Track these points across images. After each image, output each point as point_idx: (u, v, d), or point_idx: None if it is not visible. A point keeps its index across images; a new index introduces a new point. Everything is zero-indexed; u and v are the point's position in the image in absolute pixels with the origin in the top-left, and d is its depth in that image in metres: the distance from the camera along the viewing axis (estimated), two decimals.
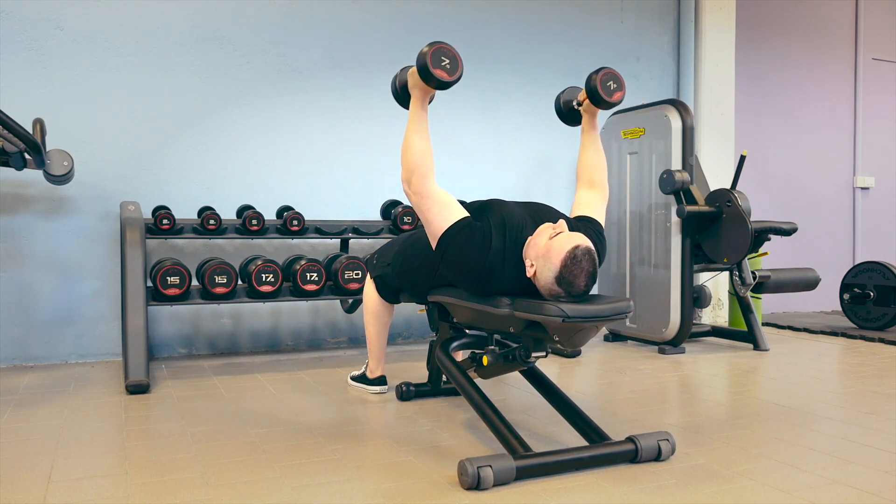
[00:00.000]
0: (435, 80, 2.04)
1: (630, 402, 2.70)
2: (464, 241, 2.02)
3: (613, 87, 2.25)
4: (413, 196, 2.09)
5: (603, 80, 2.25)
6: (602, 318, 1.89)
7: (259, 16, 3.81)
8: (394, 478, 1.85)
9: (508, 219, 2.07)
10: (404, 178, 2.10)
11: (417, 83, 2.10)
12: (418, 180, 2.06)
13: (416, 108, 2.13)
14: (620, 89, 2.26)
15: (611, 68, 2.27)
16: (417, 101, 2.13)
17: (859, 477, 1.87)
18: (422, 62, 2.03)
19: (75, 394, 2.80)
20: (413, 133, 2.10)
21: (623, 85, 2.28)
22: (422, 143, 2.09)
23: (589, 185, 2.37)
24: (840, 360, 3.63)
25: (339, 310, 3.99)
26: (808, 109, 5.62)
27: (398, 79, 2.24)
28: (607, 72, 2.25)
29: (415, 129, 2.11)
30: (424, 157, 2.08)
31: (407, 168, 2.08)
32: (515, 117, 4.46)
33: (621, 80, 2.28)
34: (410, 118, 2.13)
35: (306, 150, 3.94)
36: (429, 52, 2.02)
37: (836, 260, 5.67)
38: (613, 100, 2.26)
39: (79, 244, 3.49)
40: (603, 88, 2.24)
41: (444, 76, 2.04)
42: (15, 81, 3.36)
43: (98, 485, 1.80)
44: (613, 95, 2.26)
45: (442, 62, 2.05)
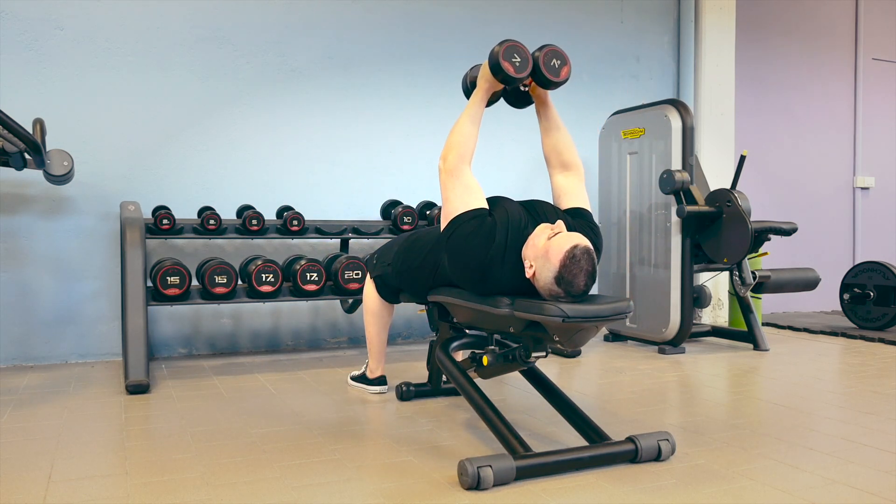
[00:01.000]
0: (502, 73, 2.09)
1: (630, 402, 2.70)
2: (470, 231, 2.02)
3: (558, 64, 2.15)
4: (444, 173, 2.11)
5: (546, 60, 2.14)
6: (602, 318, 1.89)
7: (259, 16, 3.81)
8: (394, 478, 1.85)
9: (512, 217, 2.07)
10: (442, 154, 2.13)
11: (485, 74, 2.16)
12: (455, 158, 2.10)
13: (477, 97, 2.18)
14: (566, 63, 2.17)
15: (554, 45, 2.17)
16: (480, 92, 2.18)
17: (859, 477, 1.87)
18: (494, 53, 2.08)
19: (75, 394, 2.80)
20: (466, 117, 2.16)
21: (567, 59, 2.17)
22: (471, 127, 2.15)
23: (563, 168, 2.32)
24: (840, 360, 3.63)
25: (339, 310, 3.99)
26: (808, 109, 5.62)
27: (468, 75, 2.33)
28: (549, 49, 2.15)
29: (469, 114, 2.17)
30: (469, 140, 2.13)
31: (449, 144, 2.13)
32: (515, 117, 4.44)
33: (564, 54, 2.18)
34: (469, 105, 2.19)
35: (306, 150, 3.94)
36: (503, 46, 2.08)
37: (836, 260, 5.67)
38: (561, 78, 2.16)
39: (79, 244, 3.50)
40: (548, 68, 2.15)
41: (510, 70, 2.08)
42: (15, 81, 3.36)
43: (98, 485, 1.80)
44: (560, 74, 2.16)
45: (513, 58, 2.10)
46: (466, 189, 2.08)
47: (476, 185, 2.10)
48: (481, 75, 2.18)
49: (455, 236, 2.04)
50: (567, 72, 2.18)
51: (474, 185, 2.10)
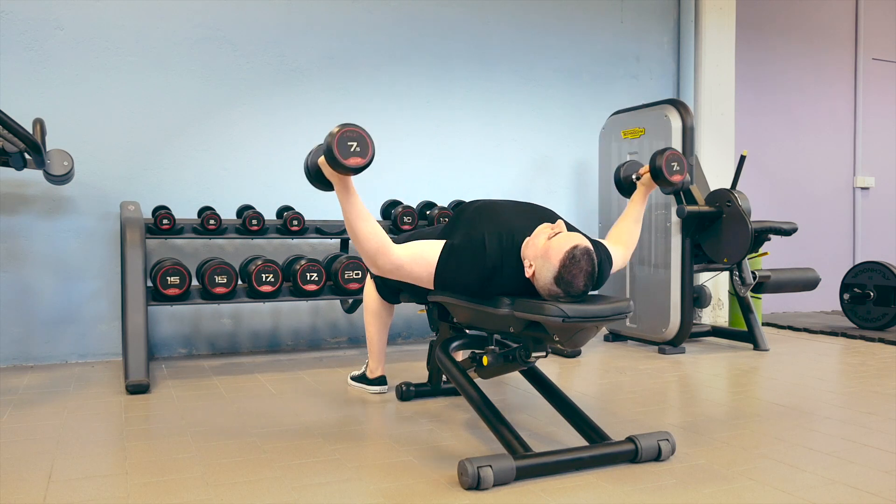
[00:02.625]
0: (350, 170, 1.88)
1: (630, 402, 2.70)
2: (456, 265, 2.03)
3: (676, 168, 2.37)
4: (387, 273, 2.06)
5: (668, 161, 2.36)
6: (602, 318, 1.89)
7: (259, 16, 3.81)
8: (394, 478, 1.85)
9: (502, 220, 2.08)
10: (369, 264, 2.03)
11: (333, 174, 1.94)
12: (384, 259, 2.01)
13: (344, 195, 1.95)
14: (682, 173, 2.37)
15: (677, 151, 2.39)
16: (343, 189, 1.95)
17: (859, 477, 1.87)
18: (330, 156, 1.86)
19: (75, 394, 2.80)
20: (356, 220, 1.96)
21: (685, 169, 2.39)
22: (368, 225, 1.97)
23: (615, 241, 2.41)
24: (840, 360, 3.63)
25: (339, 310, 3.99)
26: (808, 109, 5.62)
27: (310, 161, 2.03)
28: (672, 153, 2.37)
29: (356, 216, 1.96)
30: (377, 237, 1.98)
31: (368, 255, 2.00)
32: (515, 117, 4.46)
33: (685, 163, 2.39)
34: (345, 207, 1.97)
35: (306, 150, 3.93)
36: (333, 142, 1.85)
37: (836, 260, 5.67)
38: (673, 180, 2.37)
39: (79, 244, 3.49)
40: (667, 168, 2.36)
41: (358, 162, 1.88)
42: (15, 81, 3.36)
43: (98, 485, 1.80)
44: (674, 176, 2.37)
45: (351, 148, 1.88)
46: (416, 257, 2.06)
47: (416, 246, 2.08)
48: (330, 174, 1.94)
49: (447, 279, 2.05)
50: (679, 181, 2.39)
51: (414, 249, 2.07)
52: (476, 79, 4.33)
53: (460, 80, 4.29)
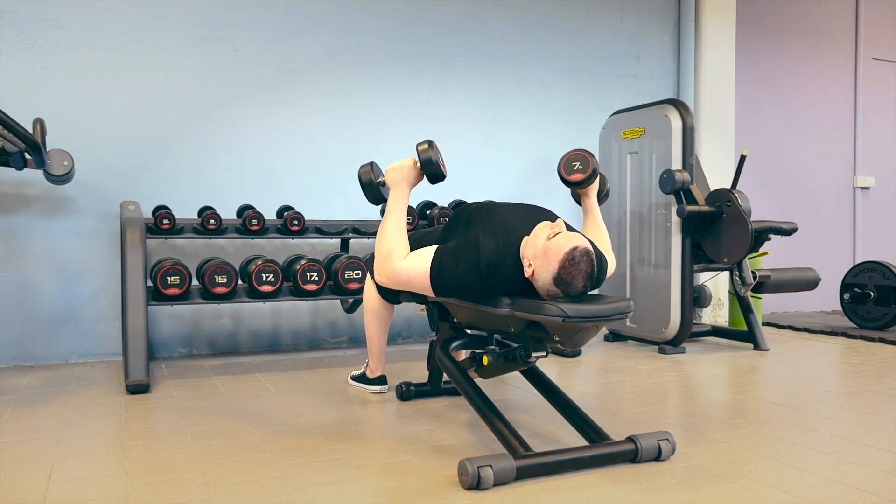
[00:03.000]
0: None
1: (630, 401, 2.70)
2: (451, 267, 2.04)
3: (578, 167, 2.37)
4: (387, 280, 2.15)
5: (568, 161, 2.38)
6: (602, 318, 1.89)
7: (259, 16, 3.81)
8: (394, 478, 1.85)
9: (500, 220, 2.08)
10: (377, 270, 2.16)
11: (407, 177, 2.19)
12: (389, 266, 2.13)
13: (400, 201, 2.18)
14: (584, 171, 2.35)
15: (582, 150, 2.36)
16: (403, 197, 2.19)
17: (859, 477, 1.87)
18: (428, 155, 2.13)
19: (75, 394, 2.80)
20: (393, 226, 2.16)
21: (590, 166, 2.35)
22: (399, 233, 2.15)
23: None
24: (840, 360, 3.63)
25: (339, 310, 3.99)
26: (808, 109, 5.62)
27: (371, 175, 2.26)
28: (573, 153, 2.37)
29: (396, 223, 2.17)
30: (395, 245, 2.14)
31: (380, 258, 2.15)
32: (515, 117, 4.46)
33: (590, 160, 2.35)
34: (393, 211, 2.17)
35: (306, 149, 3.94)
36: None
37: (836, 260, 5.67)
38: (572, 179, 2.38)
39: (79, 244, 3.50)
40: (565, 169, 2.39)
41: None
42: (15, 81, 3.36)
43: (98, 485, 1.80)
44: (573, 175, 2.38)
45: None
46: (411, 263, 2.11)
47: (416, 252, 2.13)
48: (399, 178, 2.19)
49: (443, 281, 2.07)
50: (579, 178, 2.36)
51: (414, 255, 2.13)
52: (476, 79, 4.33)
53: (460, 81, 4.29)
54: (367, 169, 2.27)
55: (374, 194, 2.28)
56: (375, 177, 2.27)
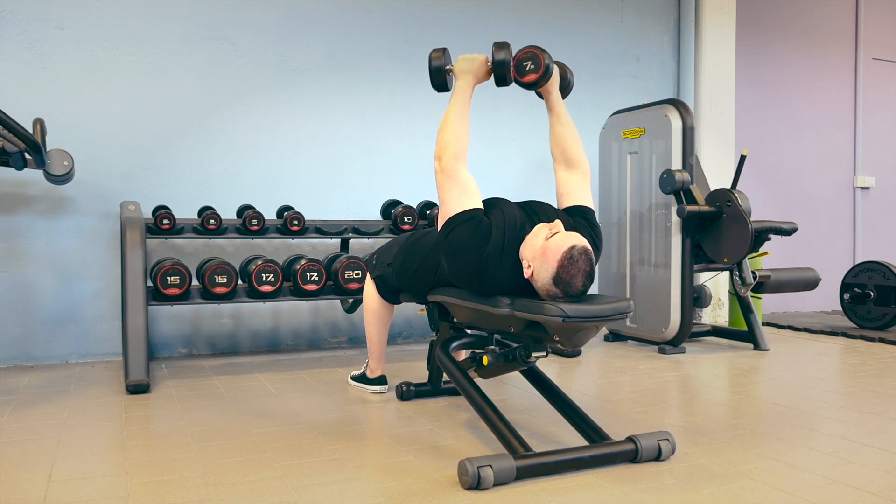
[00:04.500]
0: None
1: (630, 401, 2.70)
2: (466, 231, 2.02)
3: (530, 66, 2.19)
4: (440, 174, 2.09)
5: (519, 61, 2.20)
6: (602, 318, 1.89)
7: (259, 16, 3.81)
8: (394, 478, 1.85)
9: (508, 217, 2.07)
10: (436, 154, 2.10)
11: (476, 70, 2.17)
12: (450, 158, 2.08)
13: (464, 92, 2.17)
14: (536, 71, 2.17)
15: (533, 48, 2.19)
16: (469, 87, 2.18)
17: (859, 477, 1.87)
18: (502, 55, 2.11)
19: (75, 394, 2.80)
20: (455, 113, 2.14)
21: (541, 63, 2.16)
22: (462, 124, 2.13)
23: (566, 165, 2.29)
24: (840, 360, 3.63)
25: (339, 310, 3.99)
26: (808, 109, 5.62)
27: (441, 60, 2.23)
28: (525, 51, 2.20)
29: (458, 110, 2.14)
30: (461, 137, 2.11)
31: (441, 144, 2.10)
32: (515, 117, 4.46)
33: (542, 59, 2.16)
34: (456, 99, 2.16)
35: (306, 149, 3.94)
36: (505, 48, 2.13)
37: (836, 260, 5.66)
38: (525, 80, 2.21)
39: (79, 244, 3.49)
40: (517, 69, 2.21)
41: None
42: (15, 81, 3.36)
43: (98, 485, 1.80)
44: (526, 76, 2.20)
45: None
46: (463, 190, 2.06)
47: (473, 185, 2.09)
48: (468, 69, 2.17)
49: (452, 237, 2.04)
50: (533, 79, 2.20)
51: (471, 184, 2.08)
52: None
53: None
54: (439, 54, 2.23)
55: (440, 80, 2.25)
56: (445, 63, 2.23)
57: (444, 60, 2.23)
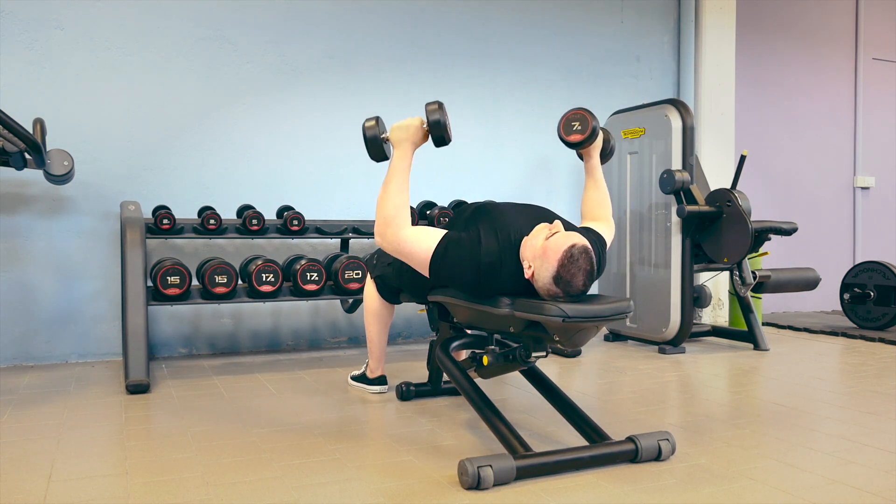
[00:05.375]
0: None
1: (630, 401, 2.70)
2: (454, 256, 2.02)
3: (577, 127, 2.28)
4: (388, 247, 2.09)
5: (567, 122, 2.30)
6: (602, 318, 1.89)
7: (259, 16, 3.81)
8: (394, 478, 1.85)
9: (500, 220, 2.08)
10: (379, 231, 2.09)
11: (412, 137, 2.12)
12: (393, 232, 2.07)
13: (403, 161, 2.12)
14: (583, 132, 2.26)
15: (582, 109, 2.28)
16: (407, 157, 2.13)
17: (859, 477, 1.87)
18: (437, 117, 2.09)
19: (75, 394, 2.80)
20: (394, 185, 2.08)
21: (589, 125, 2.25)
22: (402, 196, 2.09)
23: (592, 219, 2.39)
24: (840, 360, 3.63)
25: (339, 310, 3.99)
26: (808, 109, 5.62)
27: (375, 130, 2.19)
28: (573, 112, 2.29)
29: (398, 181, 2.09)
30: (402, 209, 2.08)
31: (382, 220, 2.08)
32: (515, 117, 4.46)
33: (589, 120, 2.25)
34: (394, 170, 2.11)
35: (306, 149, 3.94)
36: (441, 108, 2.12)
37: (836, 260, 5.67)
38: (571, 140, 2.29)
39: (79, 244, 3.50)
40: (565, 129, 2.30)
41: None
42: (15, 81, 3.36)
43: (98, 485, 1.80)
44: (571, 136, 2.29)
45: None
46: (418, 238, 2.07)
47: (421, 229, 2.10)
48: (404, 137, 2.12)
49: (444, 269, 2.04)
50: (578, 139, 2.28)
51: (422, 231, 2.09)
52: (476, 79, 4.33)
53: (460, 80, 4.29)
54: (373, 124, 2.20)
55: (376, 151, 2.21)
56: (380, 132, 2.20)
57: (378, 130, 2.20)
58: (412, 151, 2.15)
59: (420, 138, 2.16)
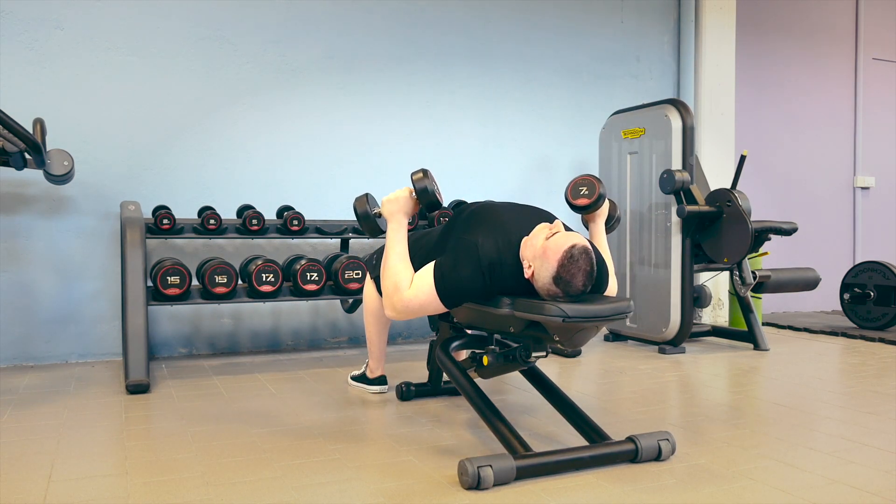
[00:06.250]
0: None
1: (630, 402, 2.70)
2: (454, 276, 2.01)
3: (584, 192, 2.34)
4: (401, 313, 2.08)
5: (574, 187, 2.36)
6: (602, 318, 1.89)
7: (259, 16, 3.81)
8: (394, 478, 1.85)
9: (499, 221, 2.08)
10: (387, 305, 2.10)
11: (404, 208, 2.16)
12: (399, 299, 2.07)
13: (398, 233, 2.15)
14: (590, 196, 2.32)
15: (588, 176, 2.34)
16: (402, 227, 2.16)
17: (859, 477, 1.87)
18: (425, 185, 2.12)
19: (75, 394, 2.80)
20: (394, 256, 2.11)
21: (595, 191, 2.30)
22: (402, 264, 2.11)
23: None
24: (840, 360, 3.63)
25: (339, 310, 3.99)
26: (808, 109, 5.62)
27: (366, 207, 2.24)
28: (579, 179, 2.36)
29: (397, 252, 2.12)
30: (400, 276, 2.08)
31: (387, 293, 2.09)
32: (515, 117, 4.46)
33: (596, 185, 2.31)
34: (392, 242, 2.13)
35: (306, 149, 3.94)
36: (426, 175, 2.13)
37: (836, 260, 5.67)
38: (578, 203, 2.35)
39: (79, 244, 3.50)
40: (572, 194, 2.36)
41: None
42: (15, 81, 3.36)
43: (98, 485, 1.80)
44: (578, 200, 2.35)
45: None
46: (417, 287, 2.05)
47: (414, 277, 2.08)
48: (395, 209, 2.15)
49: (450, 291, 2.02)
50: (584, 203, 2.33)
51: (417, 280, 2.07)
52: (476, 78, 4.33)
53: (460, 80, 4.29)
54: (363, 201, 2.25)
55: (370, 226, 2.26)
56: (371, 208, 2.25)
57: (368, 206, 2.24)
58: (406, 221, 2.18)
59: (411, 207, 2.19)
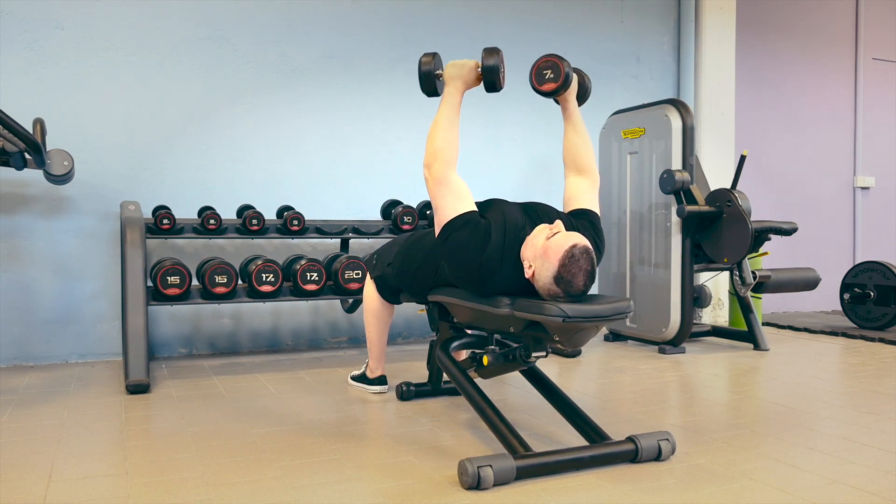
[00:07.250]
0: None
1: (630, 402, 2.70)
2: (465, 235, 2.01)
3: (549, 76, 2.22)
4: (431, 181, 2.08)
5: (539, 70, 2.24)
6: (602, 318, 1.89)
7: (259, 16, 3.81)
8: (394, 478, 1.85)
9: (509, 218, 2.07)
10: (426, 162, 2.09)
11: (465, 76, 2.16)
12: (440, 166, 2.06)
13: (453, 98, 2.14)
14: (556, 80, 2.20)
15: (553, 57, 2.23)
16: (458, 93, 2.15)
17: (859, 477, 1.87)
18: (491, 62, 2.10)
19: (75, 394, 2.80)
20: (444, 119, 2.11)
21: (561, 72, 2.19)
22: (451, 130, 2.11)
23: (576, 172, 2.31)
24: (840, 360, 3.63)
25: (339, 310, 3.99)
26: (808, 109, 5.62)
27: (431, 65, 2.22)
28: (544, 60, 2.25)
29: (447, 116, 2.12)
30: (451, 144, 2.09)
31: (431, 152, 2.08)
32: (515, 117, 4.46)
33: (562, 69, 2.19)
34: (445, 105, 2.14)
35: (306, 149, 3.94)
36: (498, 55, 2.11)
37: (836, 260, 5.66)
38: (544, 89, 2.24)
39: (79, 244, 3.49)
40: (536, 77, 2.25)
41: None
42: (15, 81, 3.36)
43: (98, 485, 1.80)
44: (545, 85, 2.23)
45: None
46: (456, 195, 2.06)
47: (465, 189, 2.08)
48: (457, 75, 2.16)
49: (450, 241, 2.04)
50: (552, 88, 2.22)
51: (463, 189, 2.08)
52: None
53: None
54: (429, 59, 2.23)
55: (429, 86, 2.23)
56: (434, 68, 2.23)
57: (433, 66, 2.23)
58: (463, 90, 2.16)
59: (473, 79, 2.18)
